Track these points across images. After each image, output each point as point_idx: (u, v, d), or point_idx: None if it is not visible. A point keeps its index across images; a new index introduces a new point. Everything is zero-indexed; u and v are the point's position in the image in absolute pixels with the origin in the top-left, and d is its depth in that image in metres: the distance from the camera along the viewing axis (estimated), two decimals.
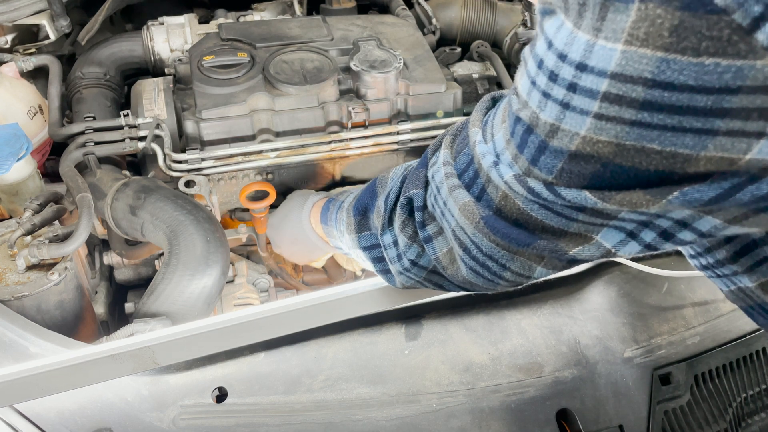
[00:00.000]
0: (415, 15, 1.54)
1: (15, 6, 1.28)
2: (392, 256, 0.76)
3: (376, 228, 0.79)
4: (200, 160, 1.14)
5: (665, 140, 0.41)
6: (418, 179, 0.69)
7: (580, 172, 0.46)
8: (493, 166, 0.55)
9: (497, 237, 0.58)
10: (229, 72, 1.19)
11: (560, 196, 0.49)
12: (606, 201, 0.46)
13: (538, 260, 0.59)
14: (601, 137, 0.43)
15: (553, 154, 0.47)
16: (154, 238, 1.06)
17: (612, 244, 0.54)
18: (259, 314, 0.85)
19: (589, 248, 0.55)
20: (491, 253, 0.60)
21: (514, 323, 0.98)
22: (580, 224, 0.52)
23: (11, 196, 1.12)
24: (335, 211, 0.94)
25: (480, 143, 0.58)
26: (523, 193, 0.52)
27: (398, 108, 1.23)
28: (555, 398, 0.93)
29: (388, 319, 0.96)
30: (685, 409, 0.96)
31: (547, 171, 0.48)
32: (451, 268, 0.67)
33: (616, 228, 0.52)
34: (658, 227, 0.50)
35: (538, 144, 0.48)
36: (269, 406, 0.88)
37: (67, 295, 0.98)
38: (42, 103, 1.28)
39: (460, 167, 0.62)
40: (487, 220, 0.58)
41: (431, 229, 0.68)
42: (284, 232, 1.12)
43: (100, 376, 0.82)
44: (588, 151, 0.44)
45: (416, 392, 0.91)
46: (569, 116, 0.44)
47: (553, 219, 0.53)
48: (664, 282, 1.04)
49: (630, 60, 0.39)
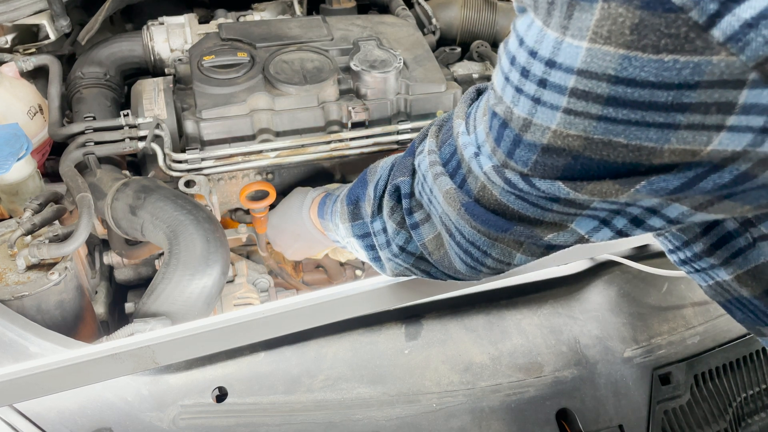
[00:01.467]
0: (415, 15, 1.54)
1: (15, 6, 1.28)
2: (381, 243, 0.78)
3: (366, 215, 0.81)
4: (200, 160, 1.14)
5: (630, 134, 0.42)
6: (405, 167, 0.72)
7: (553, 164, 0.48)
8: (474, 157, 0.57)
9: (477, 223, 0.60)
10: (229, 72, 1.19)
11: (535, 187, 0.51)
12: (578, 191, 0.48)
13: (517, 246, 0.61)
14: (571, 131, 0.45)
15: (527, 148, 0.49)
16: (154, 238, 1.06)
17: (585, 231, 0.56)
18: (259, 314, 0.85)
19: (563, 234, 0.57)
20: (473, 240, 0.62)
21: (514, 323, 0.98)
22: (555, 214, 0.54)
23: (11, 195, 1.12)
24: (331, 204, 0.96)
25: (463, 134, 0.60)
26: (500, 184, 0.54)
27: (398, 108, 1.23)
28: (555, 398, 0.93)
29: (388, 319, 0.96)
30: (685, 409, 0.96)
31: (523, 163, 0.50)
32: (437, 253, 0.69)
33: (589, 216, 0.54)
34: (628, 214, 0.52)
35: (513, 138, 0.50)
36: (269, 405, 0.88)
37: (67, 295, 0.98)
38: (42, 103, 1.28)
39: (445, 157, 0.64)
40: (467, 206, 0.60)
41: (418, 216, 0.70)
42: (285, 229, 1.14)
43: (100, 375, 0.82)
44: (559, 144, 0.46)
45: (416, 392, 0.91)
46: (540, 111, 0.46)
47: (529, 209, 0.55)
48: (664, 282, 1.04)
49: (594, 57, 0.41)
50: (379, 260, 0.82)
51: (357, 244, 0.85)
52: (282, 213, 1.15)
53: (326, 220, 0.99)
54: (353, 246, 0.88)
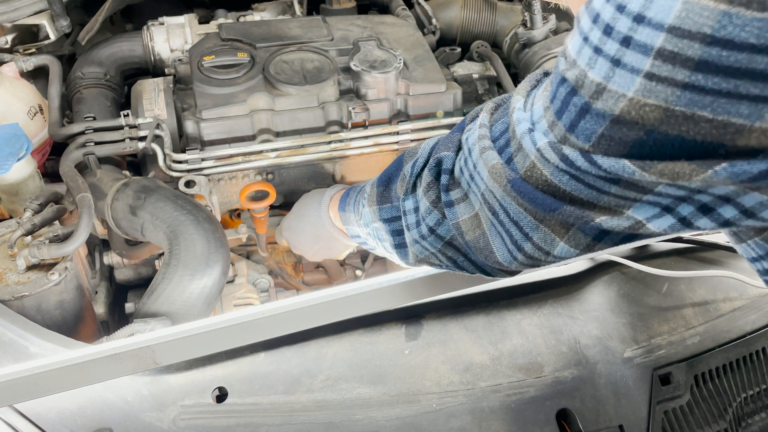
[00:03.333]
0: (415, 15, 1.54)
1: (15, 6, 1.28)
2: (411, 223, 0.75)
3: (397, 197, 0.78)
4: (200, 160, 1.14)
5: (718, 107, 0.39)
6: (452, 142, 0.69)
7: (621, 139, 0.44)
8: (527, 133, 0.54)
9: (524, 201, 0.56)
10: (229, 72, 1.19)
11: (596, 165, 0.47)
12: (646, 171, 0.44)
13: (562, 232, 0.56)
14: (649, 100, 0.41)
15: (595, 119, 0.45)
16: (154, 238, 1.06)
17: (644, 217, 0.51)
18: (259, 314, 0.85)
19: (617, 219, 0.52)
20: (518, 219, 0.58)
21: (514, 323, 0.98)
22: (611, 198, 0.50)
23: (11, 196, 1.12)
24: (355, 195, 0.94)
25: (518, 110, 0.57)
26: (555, 161, 0.50)
27: (398, 108, 1.23)
28: (555, 398, 0.93)
29: (388, 319, 0.96)
30: (685, 409, 0.96)
31: (585, 138, 0.47)
32: (471, 234, 0.65)
33: (650, 203, 0.49)
34: (696, 201, 0.47)
35: (580, 106, 0.46)
36: (269, 406, 0.88)
37: (68, 295, 0.98)
38: (42, 103, 1.28)
39: (496, 133, 0.61)
40: (514, 183, 0.56)
41: (454, 194, 0.67)
42: (303, 231, 1.11)
43: (100, 375, 0.82)
44: (632, 116, 0.42)
45: (416, 392, 0.91)
46: (618, 75, 0.42)
47: (583, 191, 0.51)
48: (664, 282, 1.04)
49: (690, 12, 0.37)
50: (404, 246, 0.79)
51: (382, 230, 0.82)
52: (299, 215, 1.13)
53: (348, 212, 0.96)
54: (376, 234, 0.85)
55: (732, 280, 1.06)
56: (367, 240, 0.93)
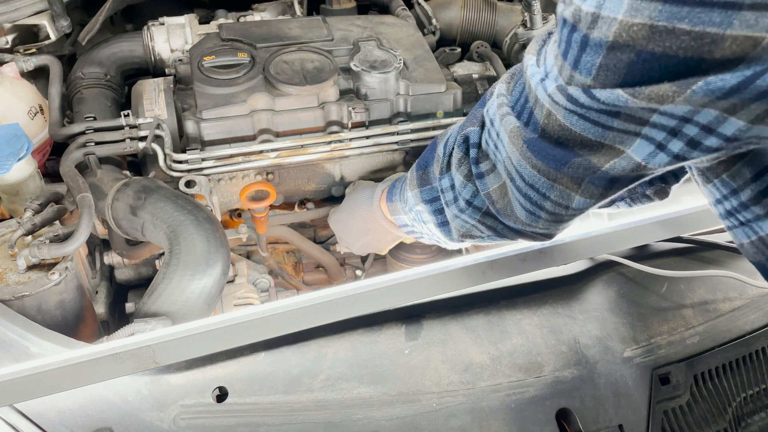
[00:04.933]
0: (415, 15, 1.54)
1: (15, 6, 1.28)
2: (449, 199, 0.80)
3: (435, 177, 0.84)
4: (200, 160, 1.14)
5: (694, 17, 0.42)
6: (476, 118, 0.74)
7: (616, 66, 0.48)
8: (540, 83, 0.59)
9: (538, 160, 0.61)
10: (230, 72, 1.19)
11: (596, 99, 0.52)
12: (636, 97, 0.49)
13: (575, 186, 0.62)
14: (636, 19, 0.45)
15: (593, 50, 0.50)
16: (154, 238, 1.06)
17: (642, 157, 0.56)
18: (259, 314, 0.86)
19: (620, 162, 0.57)
20: (532, 182, 0.64)
21: (514, 323, 0.99)
22: (615, 133, 0.55)
23: (12, 196, 1.13)
24: (401, 184, 1.00)
25: (532, 66, 0.62)
26: (564, 103, 0.55)
27: (398, 108, 1.23)
28: (555, 398, 0.93)
29: (388, 319, 0.96)
30: (685, 409, 0.97)
31: (587, 72, 0.51)
32: (501, 202, 0.71)
33: (647, 139, 0.54)
34: (685, 135, 0.52)
35: (580, 41, 0.51)
36: (269, 405, 0.88)
37: (68, 295, 0.98)
38: (42, 103, 1.28)
39: (515, 97, 0.66)
40: (530, 143, 0.61)
41: (484, 166, 0.72)
42: (353, 224, 1.15)
43: (100, 375, 0.82)
44: (624, 38, 0.46)
45: (416, 392, 0.91)
46: (608, 1, 0.47)
47: (591, 130, 0.56)
48: (664, 282, 1.04)
49: None
50: (446, 224, 0.84)
51: (424, 212, 0.87)
52: (350, 208, 1.16)
53: (395, 201, 1.02)
54: (420, 218, 0.90)
55: (731, 280, 1.06)
56: (414, 227, 0.99)
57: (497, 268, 0.93)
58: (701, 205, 1.00)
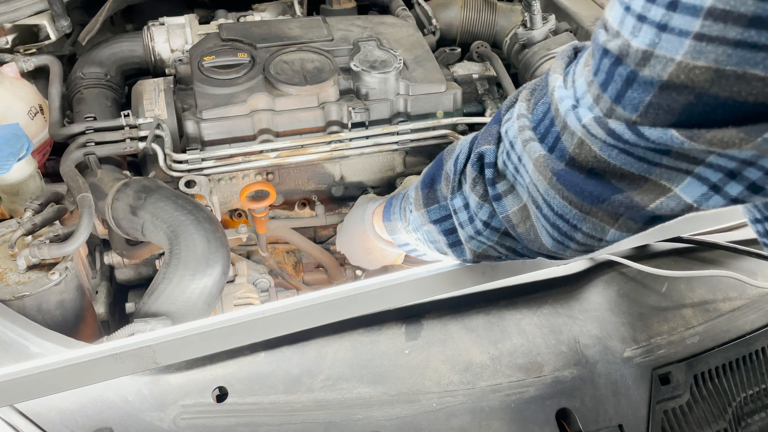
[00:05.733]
0: (415, 15, 1.54)
1: (15, 6, 1.28)
2: (463, 220, 0.74)
3: (444, 197, 0.78)
4: (201, 160, 1.14)
5: None
6: (491, 135, 0.68)
7: (669, 106, 0.44)
8: (572, 109, 0.53)
9: (570, 193, 0.56)
10: (230, 72, 1.19)
11: (644, 137, 0.47)
12: (694, 140, 0.44)
13: (611, 221, 0.56)
14: (699, 62, 0.40)
15: (642, 87, 0.45)
16: (154, 238, 1.06)
17: (693, 198, 0.51)
18: (259, 314, 0.85)
19: (668, 202, 0.52)
20: (562, 212, 0.58)
21: (514, 323, 0.99)
22: (663, 170, 0.50)
23: (12, 196, 1.13)
24: (398, 202, 0.94)
25: (559, 88, 0.56)
26: (602, 136, 0.50)
27: (398, 108, 1.23)
28: (555, 398, 0.93)
29: (388, 319, 0.96)
30: (685, 409, 0.97)
31: (632, 108, 0.46)
32: (522, 226, 0.66)
33: (700, 179, 0.49)
34: (746, 179, 0.47)
35: (626, 76, 0.46)
36: (269, 405, 0.88)
37: (68, 295, 0.98)
38: (42, 103, 1.28)
39: (537, 118, 0.60)
40: (559, 175, 0.56)
41: (501, 187, 0.66)
42: (355, 246, 1.12)
43: (100, 375, 0.82)
44: (682, 80, 0.42)
45: (416, 392, 0.91)
46: (665, 39, 0.42)
47: (634, 165, 0.50)
48: (664, 282, 1.04)
49: None
50: (459, 244, 0.78)
51: (433, 232, 0.82)
52: (348, 230, 1.12)
53: (393, 221, 0.96)
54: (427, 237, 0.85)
55: (731, 280, 1.06)
56: (417, 246, 0.93)
57: (497, 268, 0.92)
58: None
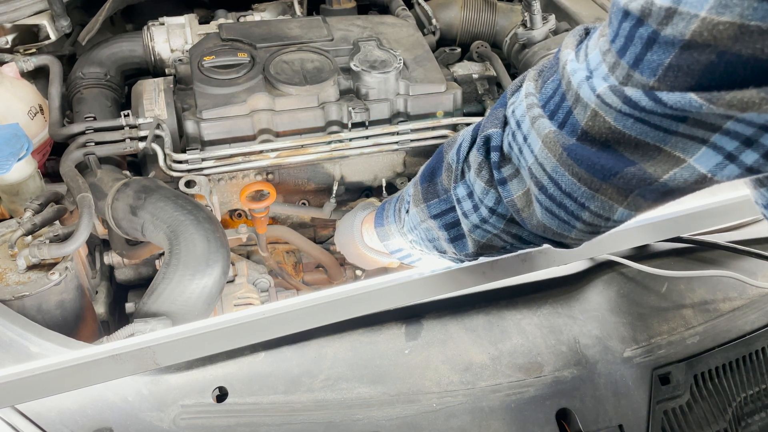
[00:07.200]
0: (415, 15, 1.54)
1: (15, 6, 1.28)
2: (467, 209, 0.73)
3: (445, 189, 0.77)
4: (200, 160, 1.14)
5: None
6: (497, 118, 0.67)
7: (690, 67, 0.43)
8: (585, 80, 0.53)
9: (581, 169, 0.55)
10: (230, 72, 1.19)
11: (661, 103, 0.46)
12: (713, 103, 0.43)
13: (621, 198, 0.56)
14: (723, 17, 0.39)
15: (663, 48, 0.44)
16: (154, 238, 1.06)
17: (708, 168, 0.49)
18: (259, 314, 0.85)
19: (681, 173, 0.51)
20: (570, 190, 0.58)
21: (514, 323, 0.99)
22: (679, 138, 0.49)
23: (12, 196, 1.13)
24: (392, 205, 0.93)
25: (572, 62, 0.56)
26: (617, 105, 0.49)
27: (398, 108, 1.23)
28: (555, 398, 0.93)
29: (388, 319, 0.96)
30: (685, 409, 0.97)
31: (650, 72, 0.45)
32: (527, 211, 0.65)
33: (715, 148, 0.48)
34: (762, 146, 0.46)
35: (647, 37, 0.45)
36: (269, 405, 0.88)
37: (68, 295, 0.98)
38: (42, 103, 1.28)
39: (546, 95, 0.59)
40: (570, 150, 0.55)
41: (506, 171, 0.66)
42: (349, 250, 1.13)
43: (100, 376, 0.82)
44: (704, 37, 0.41)
45: (416, 392, 0.91)
46: None
47: (650, 134, 0.50)
48: (664, 282, 1.04)
49: None
50: (461, 238, 0.77)
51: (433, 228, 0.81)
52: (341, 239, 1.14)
53: (386, 225, 0.95)
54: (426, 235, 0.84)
55: (731, 280, 1.06)
56: (412, 251, 0.92)
57: (497, 268, 0.92)
58: (701, 205, 1.00)
